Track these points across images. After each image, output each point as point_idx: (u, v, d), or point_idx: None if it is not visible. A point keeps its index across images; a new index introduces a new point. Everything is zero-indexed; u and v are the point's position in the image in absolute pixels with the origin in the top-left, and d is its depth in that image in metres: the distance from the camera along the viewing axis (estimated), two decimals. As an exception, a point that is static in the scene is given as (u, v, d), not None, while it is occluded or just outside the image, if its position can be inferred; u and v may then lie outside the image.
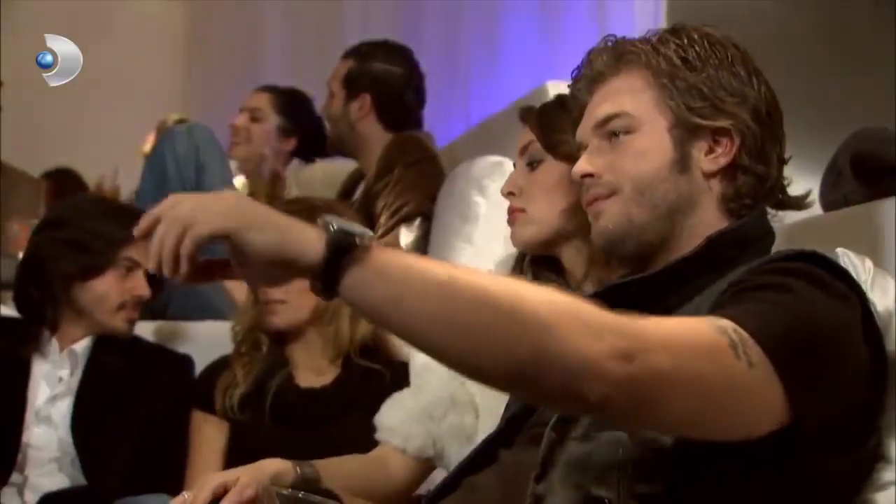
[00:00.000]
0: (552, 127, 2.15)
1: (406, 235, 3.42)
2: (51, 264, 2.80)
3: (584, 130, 1.70)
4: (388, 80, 3.76)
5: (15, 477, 2.69)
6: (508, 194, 2.19)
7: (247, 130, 4.29)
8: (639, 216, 1.62)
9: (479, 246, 3.28)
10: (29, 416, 2.73)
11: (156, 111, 5.45)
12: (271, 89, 4.39)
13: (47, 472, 2.71)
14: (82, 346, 2.81)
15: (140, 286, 2.81)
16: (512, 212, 2.19)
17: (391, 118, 3.75)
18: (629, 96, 1.64)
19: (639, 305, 1.58)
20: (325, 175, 4.11)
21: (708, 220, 1.63)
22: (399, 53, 3.83)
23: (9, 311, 2.98)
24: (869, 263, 2.14)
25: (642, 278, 1.61)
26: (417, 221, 3.45)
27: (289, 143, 4.30)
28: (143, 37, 6.31)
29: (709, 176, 1.63)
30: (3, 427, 2.71)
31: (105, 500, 2.59)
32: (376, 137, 3.72)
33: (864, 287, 1.61)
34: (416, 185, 3.48)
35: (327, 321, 2.69)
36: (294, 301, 2.68)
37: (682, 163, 1.62)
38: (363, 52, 3.80)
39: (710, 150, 1.63)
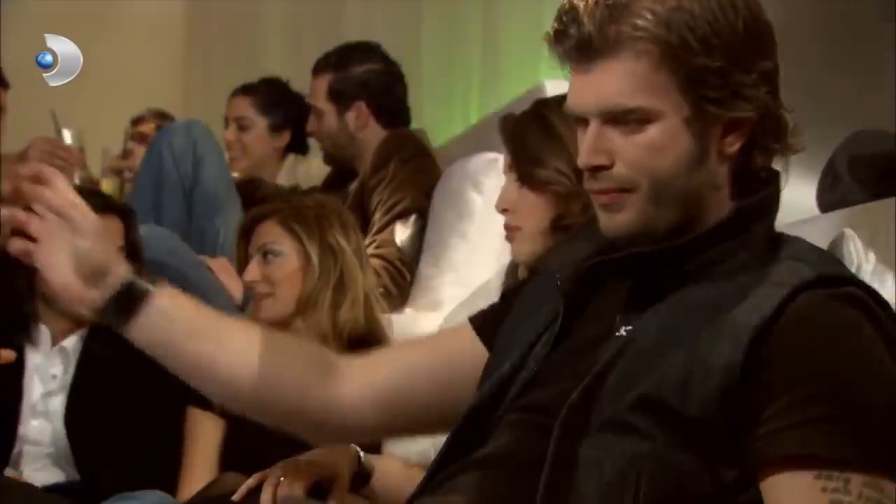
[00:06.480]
0: (524, 155, 2.19)
1: (401, 232, 3.42)
2: None
3: (586, 106, 1.53)
4: (375, 79, 3.71)
5: (9, 473, 2.68)
6: (503, 210, 2.24)
7: (239, 143, 4.17)
8: (655, 213, 1.52)
9: (474, 242, 3.29)
10: (25, 408, 2.72)
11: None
12: (247, 90, 4.23)
13: (41, 467, 2.70)
14: (72, 342, 2.79)
15: None
16: (509, 229, 2.24)
17: (388, 116, 3.71)
18: (640, 86, 1.49)
19: (650, 271, 1.54)
20: (321, 169, 4.08)
21: (718, 203, 1.54)
22: (371, 51, 3.78)
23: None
24: (872, 255, 2.16)
25: (661, 250, 1.53)
26: (413, 218, 3.45)
27: (283, 139, 4.19)
28: (141, 34, 6.30)
29: (724, 159, 1.53)
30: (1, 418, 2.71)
31: (99, 496, 2.59)
32: (379, 140, 3.68)
33: (865, 277, 1.58)
34: (412, 181, 3.48)
35: (311, 311, 2.68)
36: (279, 293, 2.67)
37: (700, 155, 1.51)
38: (337, 61, 3.72)
39: (725, 135, 1.52)
